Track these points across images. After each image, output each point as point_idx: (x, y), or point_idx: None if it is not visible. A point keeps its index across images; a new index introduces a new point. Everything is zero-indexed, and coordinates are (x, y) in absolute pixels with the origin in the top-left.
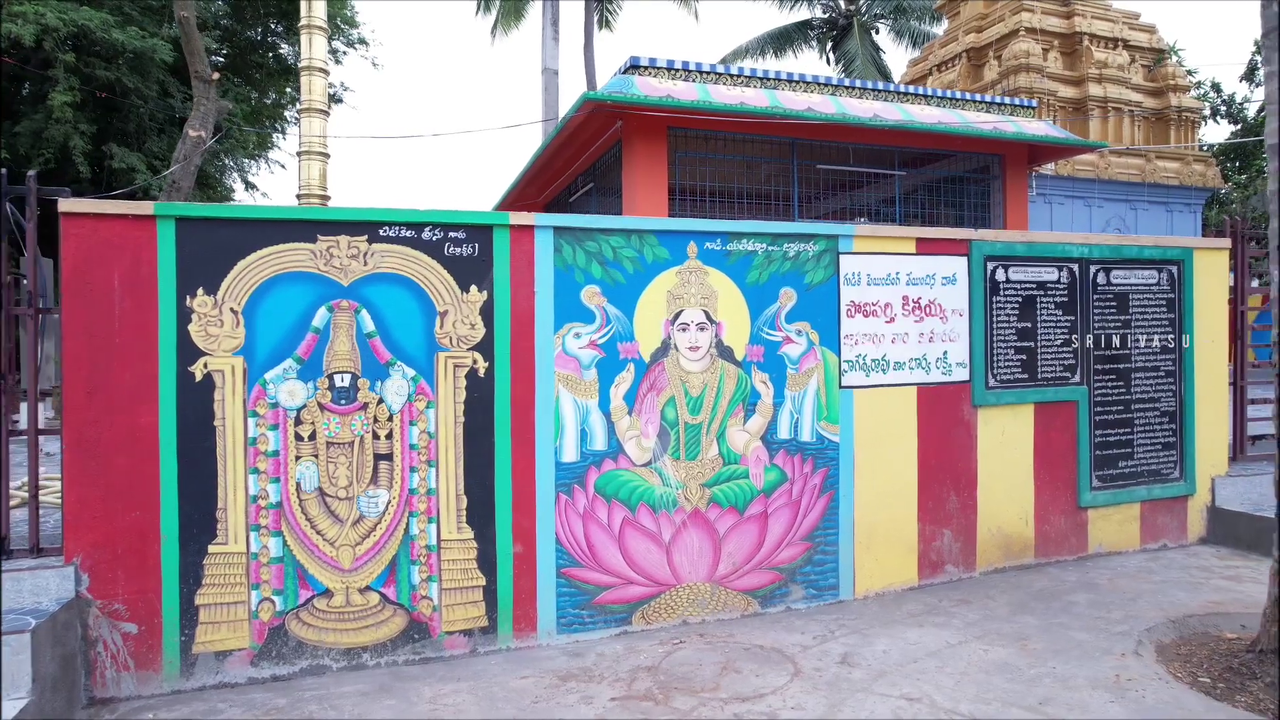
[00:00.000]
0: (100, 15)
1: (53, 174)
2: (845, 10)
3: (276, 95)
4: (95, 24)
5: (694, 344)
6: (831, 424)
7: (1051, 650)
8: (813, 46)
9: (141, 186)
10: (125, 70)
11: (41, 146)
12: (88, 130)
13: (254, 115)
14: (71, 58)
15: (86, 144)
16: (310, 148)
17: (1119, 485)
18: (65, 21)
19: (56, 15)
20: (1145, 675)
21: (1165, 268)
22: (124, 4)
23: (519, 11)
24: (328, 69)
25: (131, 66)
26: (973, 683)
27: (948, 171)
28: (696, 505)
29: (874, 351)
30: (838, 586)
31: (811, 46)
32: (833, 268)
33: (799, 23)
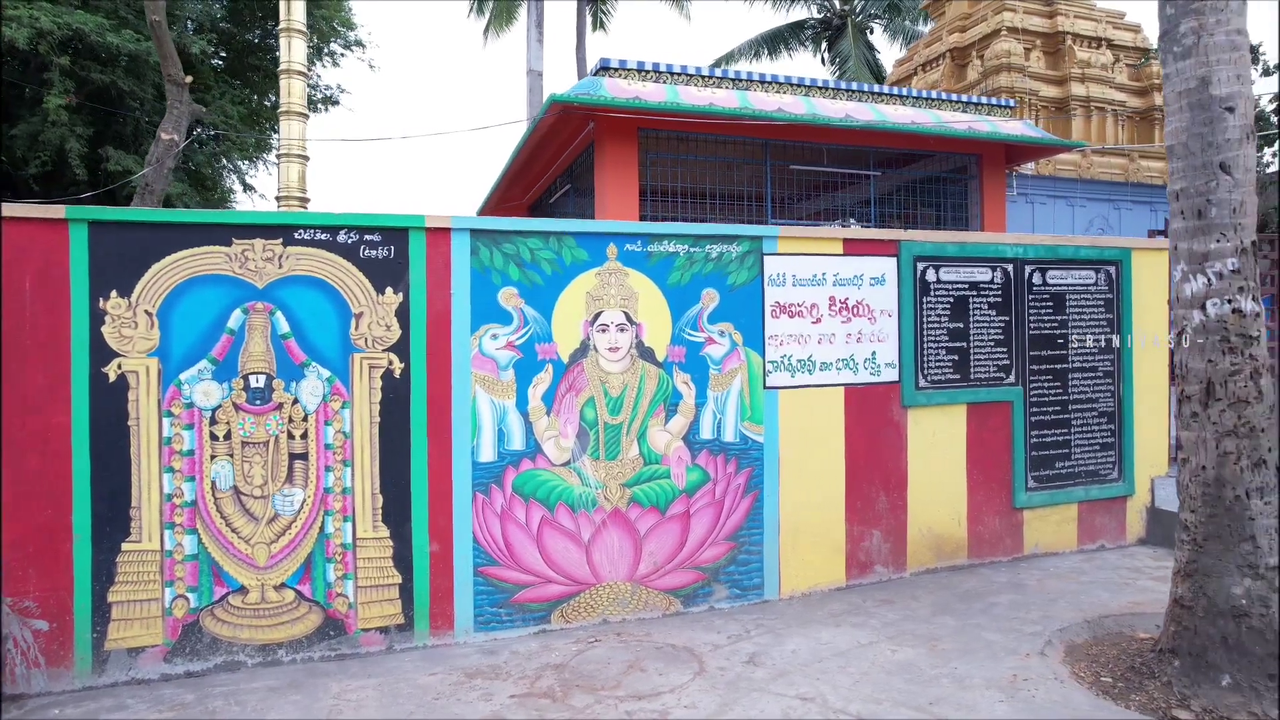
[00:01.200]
0: (95, 19)
1: (50, 176)
2: (839, 10)
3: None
4: (90, 27)
5: (614, 345)
6: (756, 424)
7: (959, 651)
8: (807, 47)
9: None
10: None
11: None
12: (84, 133)
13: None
14: (66, 61)
15: (83, 146)
16: (289, 150)
17: (1056, 486)
18: (60, 25)
19: (50, 19)
20: (1043, 675)
21: (1103, 268)
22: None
23: (510, 13)
24: (306, 72)
25: (127, 70)
26: (871, 683)
27: (925, 172)
28: (617, 505)
29: (800, 352)
30: (762, 586)
31: (806, 47)
32: (757, 269)
33: (793, 23)
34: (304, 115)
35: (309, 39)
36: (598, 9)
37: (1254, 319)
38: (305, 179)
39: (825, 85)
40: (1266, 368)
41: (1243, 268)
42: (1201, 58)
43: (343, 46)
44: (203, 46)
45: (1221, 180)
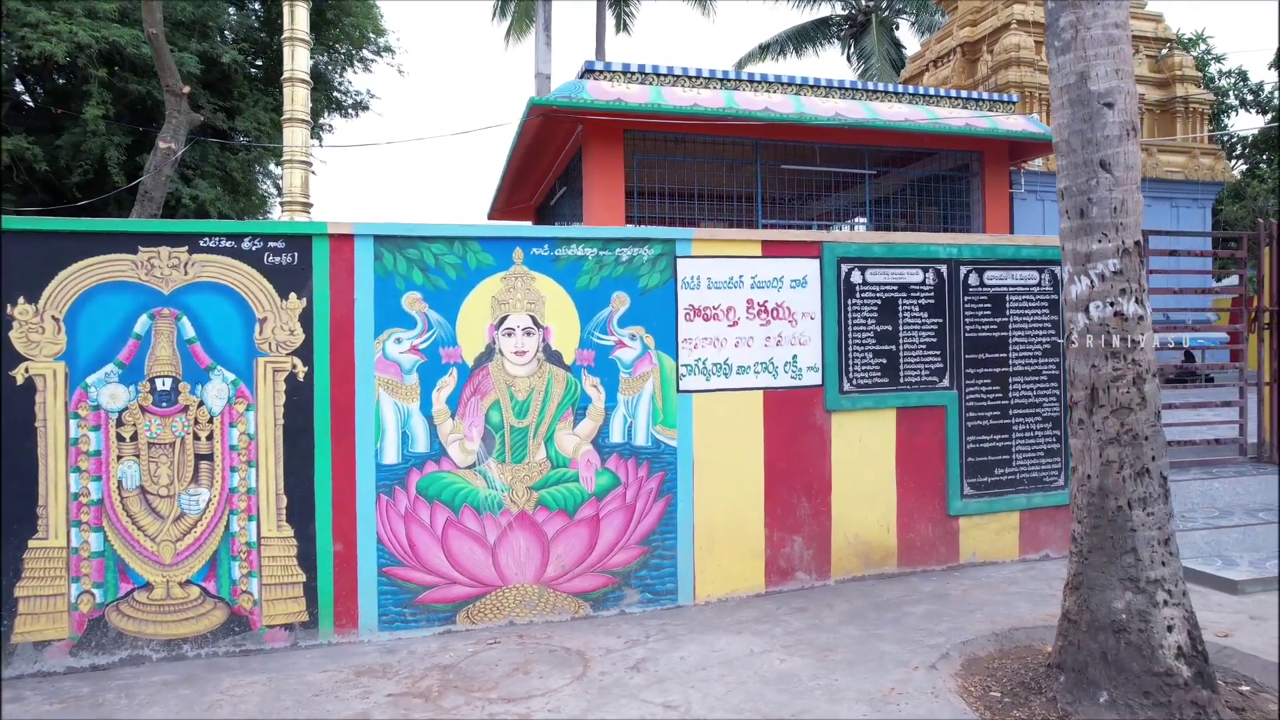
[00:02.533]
0: (132, 32)
1: (91, 184)
2: (864, 6)
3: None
4: (126, 40)
5: (520, 348)
6: (669, 428)
7: (849, 662)
8: (834, 43)
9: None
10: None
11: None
12: (122, 142)
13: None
14: (104, 73)
15: (121, 155)
16: (293, 156)
17: (995, 493)
18: (97, 39)
19: (88, 33)
20: (922, 689)
21: (1047, 268)
22: None
23: (529, 16)
24: (309, 80)
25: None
26: (744, 692)
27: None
28: (524, 508)
29: (715, 355)
30: (676, 591)
31: (834, 43)
32: (669, 272)
33: (818, 20)
34: (306, 122)
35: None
36: (620, 11)
37: (1137, 322)
38: (308, 184)
39: (817, 84)
40: (1151, 373)
41: (1125, 269)
42: (1080, 52)
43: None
44: (234, 56)
45: (1102, 178)
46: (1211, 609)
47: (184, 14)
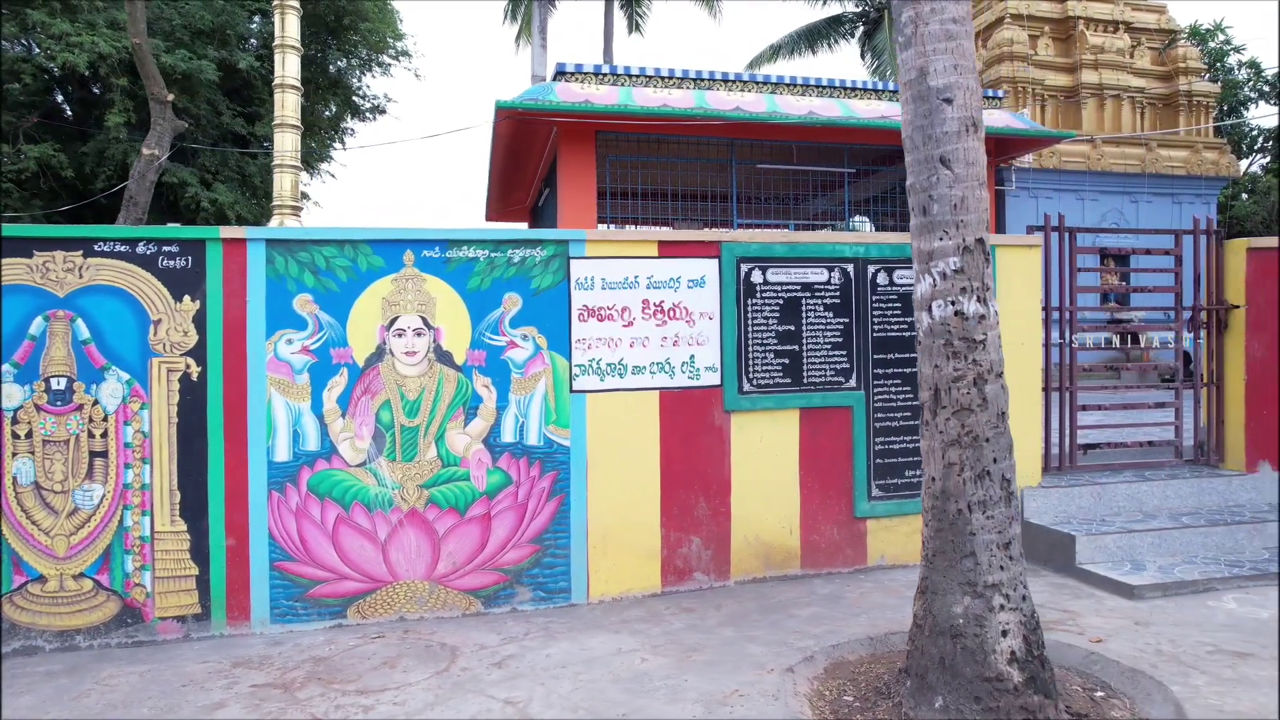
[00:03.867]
0: (151, 41)
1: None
2: (877, 2)
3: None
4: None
5: (410, 349)
6: (562, 428)
7: (709, 663)
8: (849, 41)
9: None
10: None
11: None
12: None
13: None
14: (125, 82)
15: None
16: (283, 161)
17: (905, 495)
18: (118, 49)
19: (109, 44)
20: (765, 692)
21: None
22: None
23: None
24: (300, 86)
25: (181, 88)
26: (589, 691)
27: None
28: (414, 505)
29: (610, 356)
30: (569, 590)
31: (849, 41)
32: (562, 273)
33: (830, 18)
34: (296, 128)
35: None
36: (633, 12)
37: (978, 321)
38: (297, 188)
39: (793, 82)
40: (994, 374)
41: (966, 267)
42: (920, 47)
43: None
44: (250, 62)
45: (942, 175)
46: (1103, 614)
47: (203, 22)
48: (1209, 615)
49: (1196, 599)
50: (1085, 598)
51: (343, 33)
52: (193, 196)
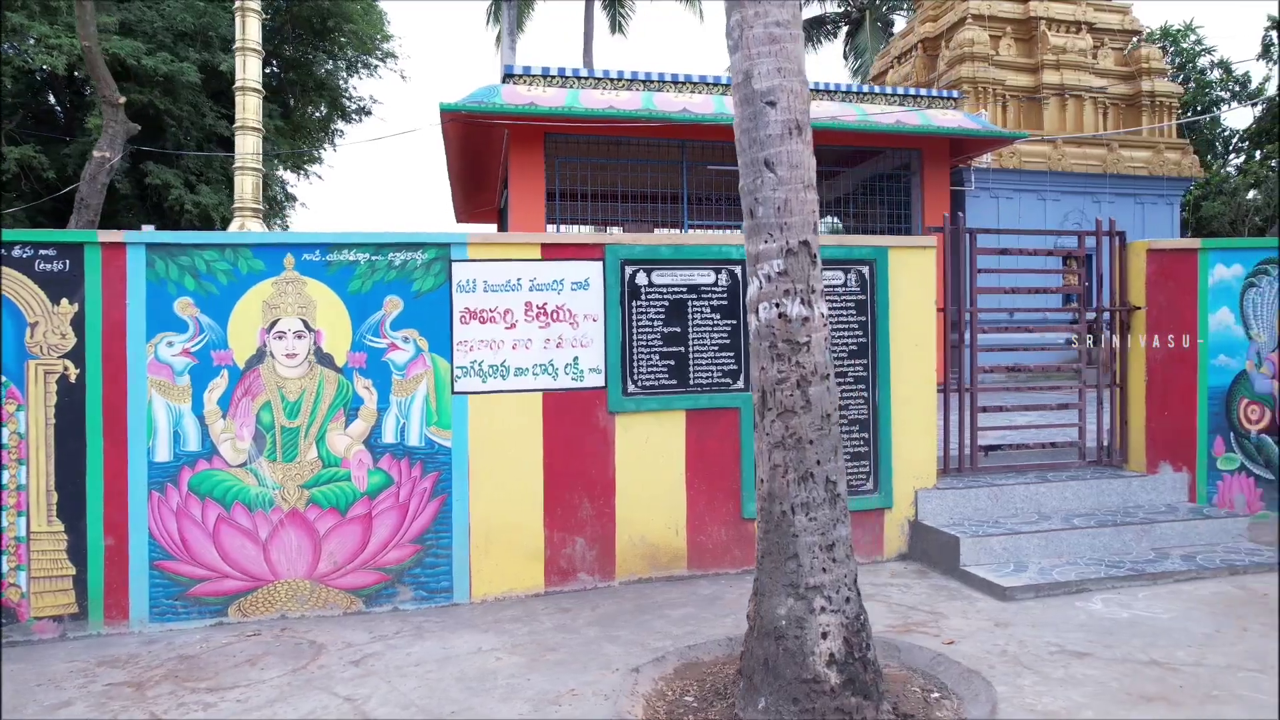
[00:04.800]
0: (132, 44)
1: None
2: (859, 2)
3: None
4: (126, 52)
5: (291, 351)
6: (443, 429)
7: (561, 662)
8: (831, 40)
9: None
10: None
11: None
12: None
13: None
14: None
15: (124, 162)
16: (244, 163)
17: None
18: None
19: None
20: (601, 692)
21: (854, 268)
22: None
23: (519, 22)
24: (261, 89)
25: (163, 90)
26: (431, 689)
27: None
28: (295, 505)
29: (492, 358)
30: (452, 590)
31: (832, 40)
32: (444, 275)
33: (813, 18)
34: (258, 130)
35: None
36: (615, 12)
37: (801, 324)
38: (259, 191)
39: None
40: (820, 376)
41: (789, 269)
42: (745, 51)
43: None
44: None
45: (766, 178)
46: (970, 616)
47: (184, 24)
48: (1070, 616)
49: (1066, 600)
50: (960, 599)
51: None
52: (177, 198)
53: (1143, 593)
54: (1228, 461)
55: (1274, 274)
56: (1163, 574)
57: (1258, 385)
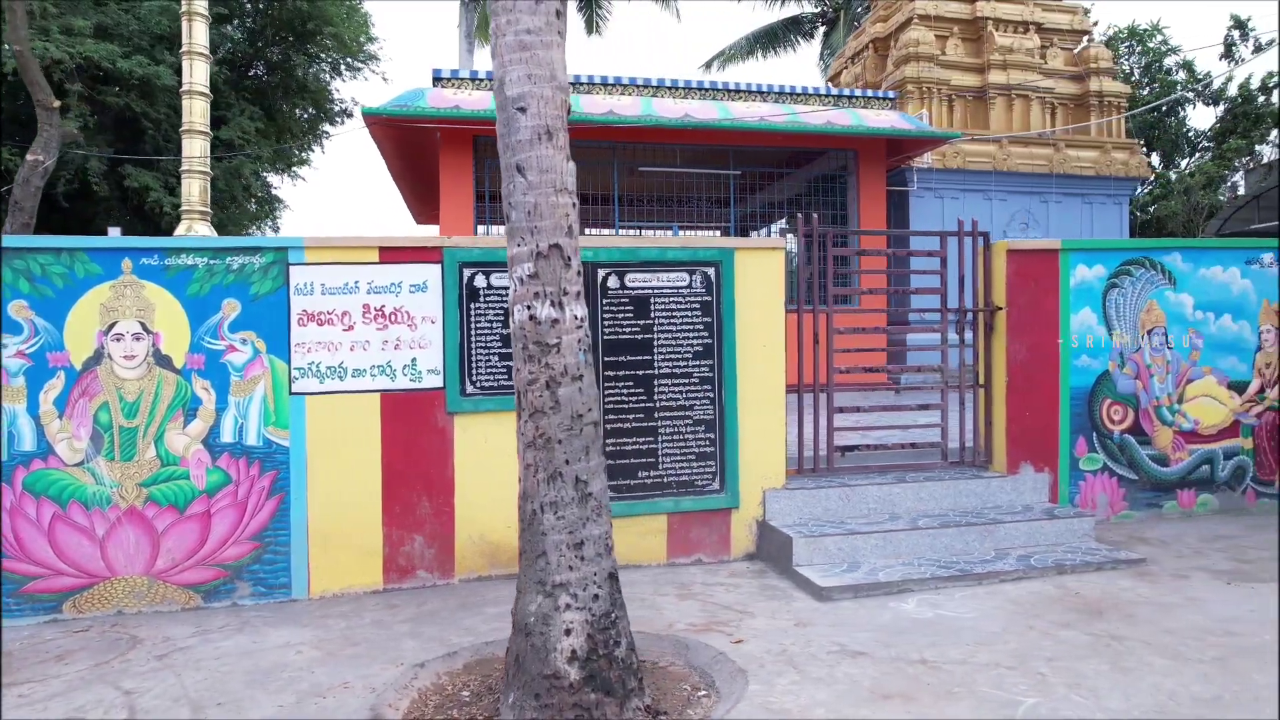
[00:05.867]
0: (107, 47)
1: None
2: (835, 2)
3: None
4: (102, 55)
5: (129, 353)
6: (281, 429)
7: (356, 656)
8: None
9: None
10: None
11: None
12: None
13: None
14: (80, 87)
15: (102, 165)
16: (191, 167)
17: (638, 496)
18: (72, 55)
19: (61, 49)
20: (373, 686)
21: (699, 269)
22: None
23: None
24: (208, 93)
25: (140, 93)
26: (214, 682)
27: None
28: (133, 503)
29: (330, 359)
30: (290, 585)
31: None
32: (281, 279)
33: (788, 19)
34: (205, 134)
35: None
36: (592, 13)
37: (551, 326)
38: (207, 194)
39: (674, 85)
40: (571, 377)
41: (540, 272)
42: (500, 58)
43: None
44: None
45: (517, 182)
46: (777, 615)
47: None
48: (875, 617)
49: (881, 600)
50: (780, 599)
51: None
52: (156, 200)
53: (961, 593)
54: (1090, 462)
55: (1137, 275)
56: (990, 574)
57: (1121, 386)
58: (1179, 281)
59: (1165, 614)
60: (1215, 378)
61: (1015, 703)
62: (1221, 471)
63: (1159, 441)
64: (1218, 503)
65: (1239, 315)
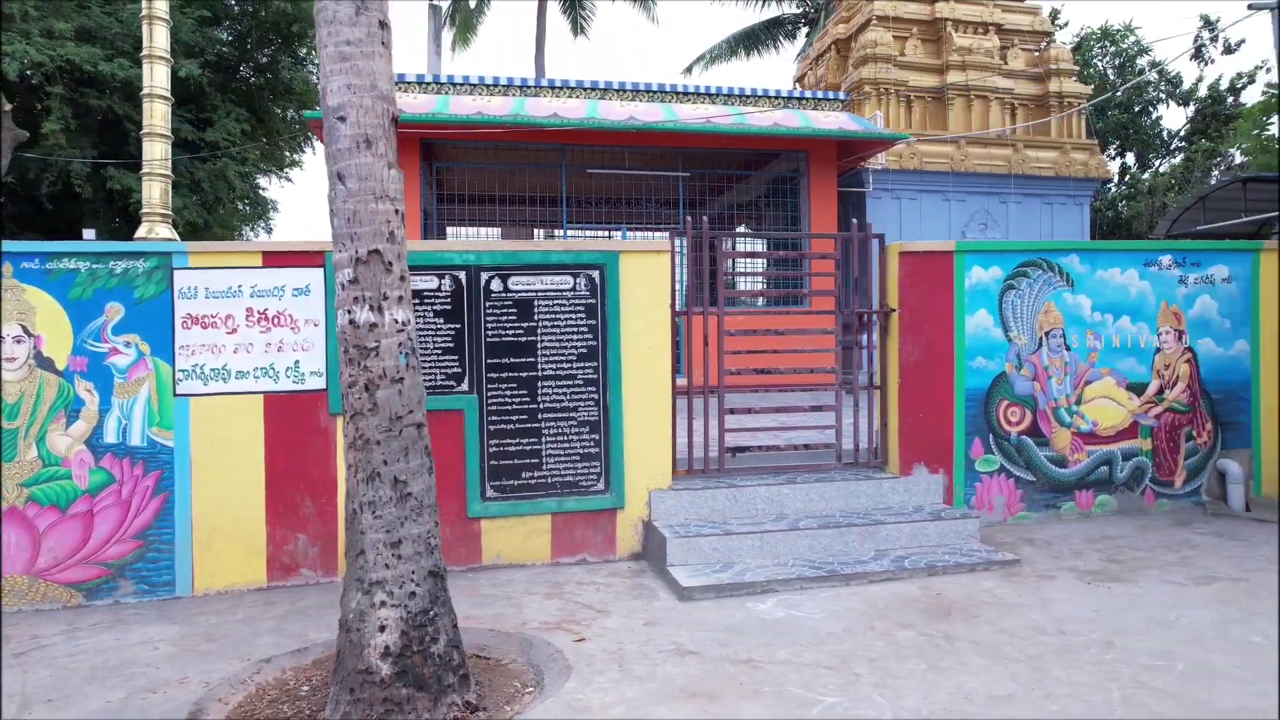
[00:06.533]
0: (88, 50)
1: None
2: (816, 3)
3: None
4: (84, 58)
5: (10, 355)
6: (165, 430)
7: (207, 653)
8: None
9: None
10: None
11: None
12: (88, 155)
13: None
14: (61, 90)
15: (85, 167)
16: (151, 170)
17: (522, 496)
18: (51, 58)
19: (41, 52)
20: (209, 681)
21: (583, 272)
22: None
23: (471, 26)
24: (169, 96)
25: (123, 95)
26: (61, 679)
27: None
28: (14, 503)
29: (213, 361)
30: (174, 583)
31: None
32: (165, 283)
33: (769, 20)
34: (166, 136)
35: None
36: (576, 15)
37: (369, 330)
38: (168, 196)
39: (622, 87)
40: (390, 380)
41: (359, 277)
42: (323, 68)
43: None
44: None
45: (338, 190)
46: (632, 614)
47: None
48: (726, 617)
49: (740, 601)
50: (644, 598)
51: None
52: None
53: (824, 594)
54: (987, 463)
55: (1034, 276)
56: (858, 575)
57: (1018, 387)
58: (1077, 283)
59: (1009, 614)
60: (1114, 379)
61: (815, 702)
62: (1120, 472)
63: (1057, 443)
64: (1116, 504)
65: (1138, 317)
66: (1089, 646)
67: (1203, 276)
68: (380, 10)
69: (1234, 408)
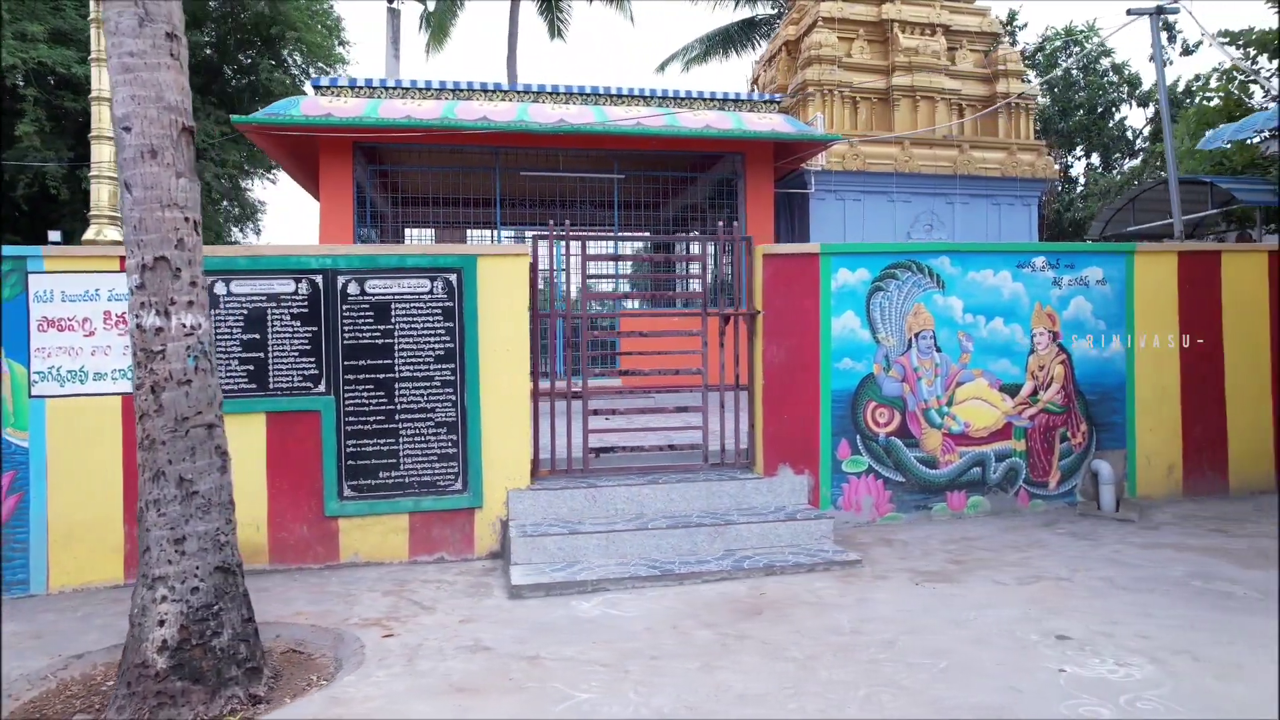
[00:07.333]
0: (62, 52)
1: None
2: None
3: None
4: (57, 60)
5: None
6: (20, 430)
7: (28, 649)
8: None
9: None
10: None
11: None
12: (64, 156)
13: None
14: (34, 92)
15: (62, 169)
16: (100, 172)
17: (379, 496)
18: (25, 60)
19: (13, 54)
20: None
21: (440, 276)
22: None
23: (444, 28)
24: None
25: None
26: None
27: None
28: None
29: (71, 364)
30: (29, 581)
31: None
32: (20, 286)
33: (744, 21)
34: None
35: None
36: (553, 17)
37: (155, 334)
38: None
39: (555, 90)
40: (176, 382)
41: (147, 283)
42: (111, 78)
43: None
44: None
45: (125, 198)
46: (455, 612)
47: None
48: (543, 615)
49: (566, 599)
50: (477, 596)
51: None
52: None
53: (652, 593)
54: (854, 464)
55: (903, 278)
56: (693, 575)
57: (886, 388)
58: (948, 285)
59: (819, 614)
60: (986, 380)
61: (568, 699)
62: (993, 473)
63: (927, 444)
64: (990, 505)
65: (1011, 318)
66: (870, 646)
67: (1077, 278)
68: (168, 22)
69: (1109, 409)
